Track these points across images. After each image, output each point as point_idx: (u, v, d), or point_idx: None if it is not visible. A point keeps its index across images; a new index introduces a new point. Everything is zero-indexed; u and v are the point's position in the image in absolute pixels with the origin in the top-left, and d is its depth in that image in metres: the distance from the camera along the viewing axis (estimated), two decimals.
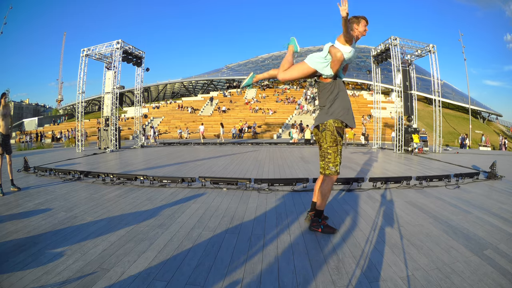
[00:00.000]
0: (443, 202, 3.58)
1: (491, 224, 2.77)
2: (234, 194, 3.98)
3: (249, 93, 34.26)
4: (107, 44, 12.30)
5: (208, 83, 44.71)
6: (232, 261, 2.03)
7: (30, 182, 4.93)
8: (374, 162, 7.95)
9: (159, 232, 2.56)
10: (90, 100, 40.93)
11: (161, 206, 3.40)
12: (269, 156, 9.12)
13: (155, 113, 29.60)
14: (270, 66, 42.13)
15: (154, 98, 46.02)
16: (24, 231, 2.59)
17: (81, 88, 12.35)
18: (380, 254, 2.11)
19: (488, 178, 5.16)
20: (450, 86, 36.06)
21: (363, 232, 2.56)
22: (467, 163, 7.74)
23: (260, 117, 25.91)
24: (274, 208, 3.30)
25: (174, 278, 1.81)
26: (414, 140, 10.76)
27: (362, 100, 29.08)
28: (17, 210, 3.27)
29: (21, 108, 61.73)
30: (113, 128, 12.26)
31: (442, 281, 1.75)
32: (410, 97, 11.68)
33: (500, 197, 3.91)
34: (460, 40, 29.26)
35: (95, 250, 2.20)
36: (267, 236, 2.47)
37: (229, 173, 5.85)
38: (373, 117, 14.60)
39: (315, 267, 1.94)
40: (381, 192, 4.08)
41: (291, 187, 4.23)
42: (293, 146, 13.92)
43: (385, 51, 12.11)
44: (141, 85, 14.76)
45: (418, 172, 6.11)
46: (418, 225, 2.75)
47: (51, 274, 1.84)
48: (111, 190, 4.24)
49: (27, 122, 36.54)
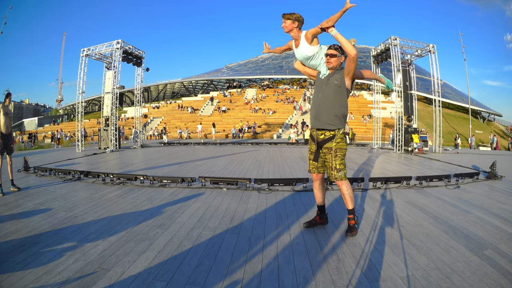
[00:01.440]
0: (443, 202, 3.58)
1: (491, 224, 2.77)
2: (234, 194, 3.98)
3: (249, 93, 34.28)
4: (107, 44, 12.29)
5: (208, 83, 44.71)
6: (232, 261, 2.03)
7: (30, 182, 4.93)
8: (374, 162, 7.95)
9: (159, 232, 2.56)
10: (90, 100, 40.95)
11: (161, 206, 3.40)
12: (269, 156, 9.12)
13: (155, 113, 29.60)
14: (270, 66, 42.16)
15: (154, 98, 46.02)
16: (24, 231, 2.59)
17: (81, 88, 12.35)
18: (380, 254, 2.11)
19: (488, 178, 5.16)
20: (450, 86, 36.09)
21: (363, 232, 2.56)
22: (467, 163, 7.74)
23: (260, 117, 25.90)
24: (274, 208, 3.30)
25: (174, 278, 1.81)
26: (414, 140, 10.77)
27: (362, 100, 29.09)
28: (17, 210, 3.27)
29: (21, 108, 61.76)
30: (113, 128, 12.26)
31: (442, 281, 1.75)
32: (410, 97, 11.68)
33: (500, 197, 3.91)
34: (460, 40, 29.37)
35: (95, 250, 2.20)
36: (267, 236, 2.47)
37: (229, 173, 5.85)
38: (373, 117, 14.60)
39: (315, 267, 1.94)
40: (381, 192, 4.08)
41: (291, 187, 4.23)
42: (293, 146, 13.92)
43: (385, 51, 12.11)
44: (141, 85, 14.74)
45: (418, 172, 6.11)
46: (418, 225, 2.75)
47: (51, 274, 1.84)
48: (111, 190, 4.24)
49: (27, 122, 36.57)
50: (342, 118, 2.47)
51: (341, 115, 2.46)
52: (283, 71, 39.12)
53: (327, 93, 2.46)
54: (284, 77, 38.98)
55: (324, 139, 2.49)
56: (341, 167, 2.47)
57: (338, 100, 2.44)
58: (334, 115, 2.44)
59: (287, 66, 39.95)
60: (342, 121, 2.47)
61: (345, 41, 2.26)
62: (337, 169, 2.46)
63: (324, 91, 2.47)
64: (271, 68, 41.13)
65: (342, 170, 2.46)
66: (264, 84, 38.77)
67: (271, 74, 39.40)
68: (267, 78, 40.02)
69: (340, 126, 2.46)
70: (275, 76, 39.48)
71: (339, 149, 2.45)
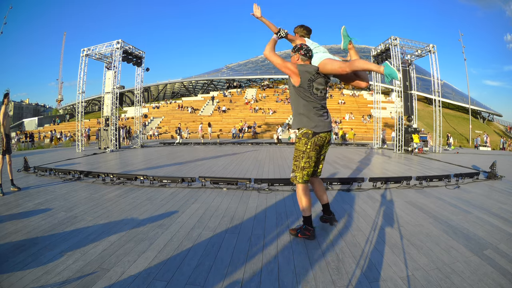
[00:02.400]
0: (443, 202, 3.58)
1: (491, 224, 2.77)
2: (234, 194, 3.97)
3: (249, 93, 34.27)
4: (107, 44, 12.30)
5: (208, 83, 44.71)
6: (232, 261, 2.03)
7: (30, 182, 4.92)
8: (374, 162, 7.95)
9: (159, 232, 2.55)
10: (90, 100, 40.93)
11: (161, 206, 3.39)
12: (269, 156, 9.12)
13: (155, 113, 29.60)
14: (271, 66, 42.02)
15: (154, 98, 46.01)
16: (24, 231, 2.59)
17: (81, 88, 12.35)
18: (380, 254, 2.11)
19: (488, 178, 5.16)
20: (450, 86, 36.09)
21: (363, 232, 2.56)
22: (467, 163, 7.74)
23: (260, 117, 25.91)
24: (274, 208, 3.30)
25: (174, 278, 1.81)
26: (414, 140, 10.77)
27: (362, 100, 29.08)
28: (17, 210, 3.27)
29: (21, 108, 61.74)
30: (113, 128, 12.26)
31: (442, 281, 1.75)
32: (410, 97, 11.68)
33: (500, 197, 3.91)
34: (460, 40, 29.35)
35: (95, 250, 2.20)
36: (267, 236, 2.47)
37: (229, 173, 5.85)
38: (373, 117, 14.61)
39: (315, 267, 1.94)
40: (381, 192, 4.08)
41: (291, 187, 4.23)
42: (293, 146, 13.90)
43: (385, 51, 12.12)
44: (141, 85, 14.74)
45: (418, 172, 6.11)
46: (418, 225, 2.75)
47: (51, 274, 1.84)
48: (111, 190, 4.24)
49: (27, 122, 36.55)
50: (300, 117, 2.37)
51: (297, 114, 2.39)
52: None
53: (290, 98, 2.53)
54: (284, 77, 38.92)
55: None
56: (293, 167, 2.43)
57: (292, 101, 2.45)
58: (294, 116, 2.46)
59: None
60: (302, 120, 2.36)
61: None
62: (292, 169, 2.46)
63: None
64: (271, 68, 41.09)
65: (294, 171, 2.42)
66: (264, 84, 38.78)
67: (271, 74, 39.36)
68: (267, 78, 40.00)
69: (300, 125, 2.38)
70: (275, 76, 39.45)
71: (295, 149, 2.43)
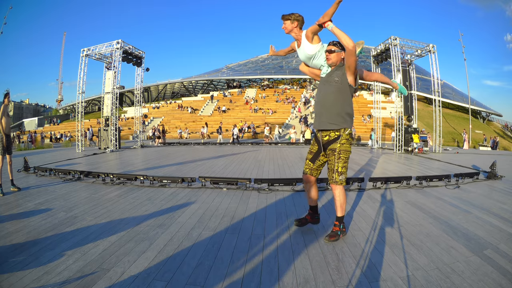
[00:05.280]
0: (443, 202, 3.58)
1: (491, 224, 2.77)
2: (234, 194, 3.98)
3: (249, 93, 34.27)
4: (107, 44, 12.30)
5: (208, 83, 44.70)
6: (232, 261, 2.03)
7: (30, 182, 4.92)
8: (374, 162, 7.95)
9: (159, 232, 2.55)
10: (90, 100, 40.90)
11: (161, 206, 3.39)
12: (269, 156, 9.12)
13: (155, 113, 29.60)
14: (270, 66, 42.11)
15: (154, 98, 45.99)
16: (24, 231, 2.59)
17: (81, 88, 12.35)
18: (380, 254, 2.11)
19: (488, 178, 5.16)
20: (450, 86, 36.06)
21: (363, 232, 2.56)
22: (467, 163, 7.74)
23: (260, 117, 25.90)
24: (274, 208, 3.30)
25: (174, 278, 1.81)
26: (414, 140, 10.77)
27: (362, 100, 29.06)
28: (17, 210, 3.27)
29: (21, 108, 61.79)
30: (113, 128, 12.26)
31: (442, 281, 1.75)
32: (410, 97, 11.67)
33: (500, 197, 3.91)
34: (460, 40, 29.33)
35: (95, 250, 2.20)
36: (267, 236, 2.47)
37: (229, 173, 5.85)
38: (373, 117, 14.60)
39: (315, 267, 1.94)
40: (381, 192, 4.08)
41: (291, 187, 4.23)
42: (293, 146, 13.92)
43: (385, 51, 12.11)
44: (141, 85, 14.75)
45: (418, 172, 6.11)
46: (418, 225, 2.75)
47: (51, 274, 1.84)
48: (111, 190, 4.24)
49: (27, 122, 36.55)
50: (346, 117, 2.31)
51: (345, 114, 2.31)
52: (283, 71, 39.09)
53: (328, 91, 2.34)
54: (284, 77, 38.97)
55: (329, 141, 2.35)
56: (343, 170, 2.32)
57: (340, 97, 2.30)
58: (337, 114, 2.30)
59: (287, 66, 39.93)
60: (346, 120, 2.32)
61: (341, 34, 2.15)
62: (338, 172, 2.31)
63: (325, 89, 2.36)
64: (271, 68, 41.11)
65: (343, 173, 2.32)
66: (264, 84, 38.76)
67: (271, 74, 39.37)
68: (267, 78, 39.98)
69: (345, 125, 2.31)
70: (275, 76, 39.46)
71: (343, 151, 2.31)
